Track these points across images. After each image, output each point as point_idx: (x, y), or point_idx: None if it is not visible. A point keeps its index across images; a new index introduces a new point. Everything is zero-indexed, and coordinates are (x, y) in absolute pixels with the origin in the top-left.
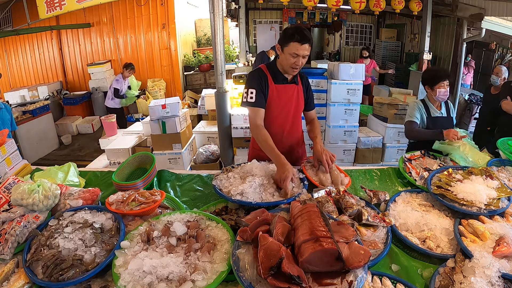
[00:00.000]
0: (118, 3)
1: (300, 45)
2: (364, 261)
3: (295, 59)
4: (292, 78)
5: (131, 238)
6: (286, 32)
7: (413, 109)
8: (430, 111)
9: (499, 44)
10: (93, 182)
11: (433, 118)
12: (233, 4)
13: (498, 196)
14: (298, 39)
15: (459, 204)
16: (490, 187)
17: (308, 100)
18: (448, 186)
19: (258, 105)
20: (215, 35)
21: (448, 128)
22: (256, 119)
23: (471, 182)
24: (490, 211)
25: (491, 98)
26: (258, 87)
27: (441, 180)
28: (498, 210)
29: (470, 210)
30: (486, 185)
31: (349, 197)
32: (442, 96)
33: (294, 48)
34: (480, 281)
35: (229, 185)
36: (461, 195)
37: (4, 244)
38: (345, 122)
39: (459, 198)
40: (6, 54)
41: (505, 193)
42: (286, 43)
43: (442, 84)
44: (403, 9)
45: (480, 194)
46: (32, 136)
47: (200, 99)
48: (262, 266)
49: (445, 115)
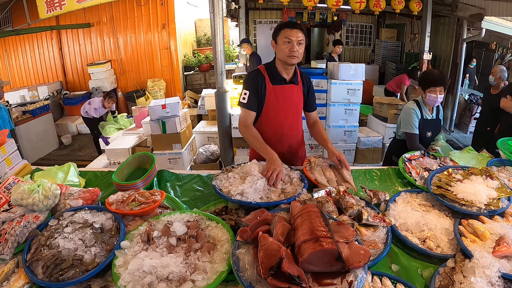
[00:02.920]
0: (118, 3)
1: (291, 30)
2: (364, 261)
3: (289, 45)
4: (291, 78)
5: (131, 238)
6: (276, 26)
7: (411, 117)
8: (423, 114)
9: (499, 44)
10: (93, 182)
11: (425, 120)
12: (233, 4)
13: (498, 196)
14: (287, 25)
15: (459, 204)
16: (490, 187)
17: (310, 101)
18: (448, 186)
19: (249, 108)
20: (215, 35)
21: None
22: (246, 120)
23: (471, 182)
24: (490, 211)
25: (490, 98)
26: (253, 89)
27: (441, 180)
28: (498, 210)
29: (470, 210)
30: (486, 185)
31: (349, 197)
32: (431, 101)
33: (285, 34)
34: (480, 281)
35: (229, 185)
36: (461, 195)
37: (4, 244)
38: (345, 122)
39: (459, 198)
40: (6, 54)
41: (505, 193)
42: (277, 34)
43: (434, 89)
44: (403, 9)
45: (480, 194)
46: (32, 136)
47: (200, 99)
48: (262, 266)
49: (434, 118)
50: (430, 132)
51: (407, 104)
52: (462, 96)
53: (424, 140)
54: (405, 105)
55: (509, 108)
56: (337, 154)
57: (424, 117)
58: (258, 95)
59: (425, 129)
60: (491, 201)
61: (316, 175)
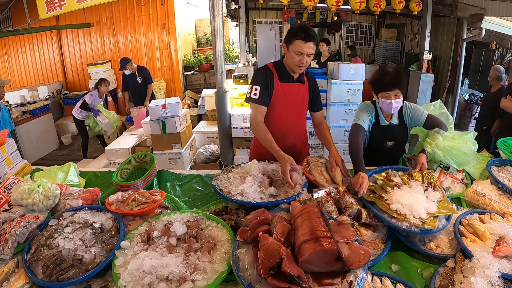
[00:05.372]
0: (118, 3)
1: (304, 43)
2: (364, 261)
3: (299, 57)
4: (298, 77)
5: (131, 238)
6: (291, 30)
7: (362, 110)
8: (379, 119)
9: (499, 44)
10: (93, 182)
11: (381, 127)
12: (233, 4)
13: (437, 213)
14: (302, 37)
15: (389, 215)
16: (431, 200)
17: (315, 101)
18: (382, 192)
19: (261, 103)
20: (215, 35)
21: (401, 138)
22: (257, 116)
23: (410, 190)
24: (423, 230)
25: (489, 98)
26: (263, 84)
27: (377, 182)
28: (433, 230)
29: (400, 225)
30: (427, 196)
31: (348, 197)
32: (385, 107)
33: (298, 46)
34: (480, 281)
35: (229, 185)
36: (395, 206)
37: (4, 244)
38: (345, 122)
39: (392, 209)
40: (6, 54)
41: (446, 210)
42: (290, 41)
43: (387, 94)
44: (403, 9)
45: (418, 206)
46: (32, 136)
47: (200, 99)
48: (262, 266)
49: (396, 123)
50: (392, 141)
51: (362, 103)
52: (462, 96)
53: (383, 151)
54: (360, 104)
55: (509, 108)
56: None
57: (380, 123)
58: (268, 91)
59: (383, 137)
60: (428, 218)
61: (315, 175)
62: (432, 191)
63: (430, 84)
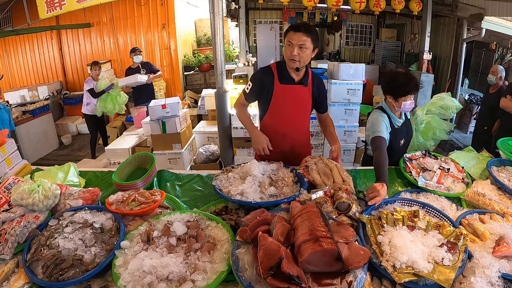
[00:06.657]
0: (118, 3)
1: (294, 33)
2: (363, 261)
3: (290, 48)
4: (300, 79)
5: (131, 238)
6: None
7: (378, 121)
8: (392, 122)
9: (499, 44)
10: (93, 182)
11: (395, 129)
12: (233, 4)
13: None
14: (292, 28)
15: (369, 245)
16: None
17: (321, 103)
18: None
19: (247, 98)
20: (215, 35)
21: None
22: (241, 101)
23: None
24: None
25: (488, 97)
26: (257, 84)
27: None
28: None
29: (372, 257)
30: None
31: (342, 192)
32: (407, 107)
33: (288, 37)
34: (480, 281)
35: (229, 185)
36: (381, 239)
37: (4, 244)
38: (345, 122)
39: (378, 240)
40: (6, 54)
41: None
42: (285, 35)
43: (409, 96)
44: (403, 9)
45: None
46: (32, 136)
47: (200, 99)
48: (261, 266)
49: (404, 120)
50: (403, 139)
51: (373, 113)
52: (462, 96)
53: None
54: (371, 115)
55: (509, 108)
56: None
57: (394, 126)
58: (261, 92)
59: (397, 138)
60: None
61: (313, 175)
62: (445, 251)
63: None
